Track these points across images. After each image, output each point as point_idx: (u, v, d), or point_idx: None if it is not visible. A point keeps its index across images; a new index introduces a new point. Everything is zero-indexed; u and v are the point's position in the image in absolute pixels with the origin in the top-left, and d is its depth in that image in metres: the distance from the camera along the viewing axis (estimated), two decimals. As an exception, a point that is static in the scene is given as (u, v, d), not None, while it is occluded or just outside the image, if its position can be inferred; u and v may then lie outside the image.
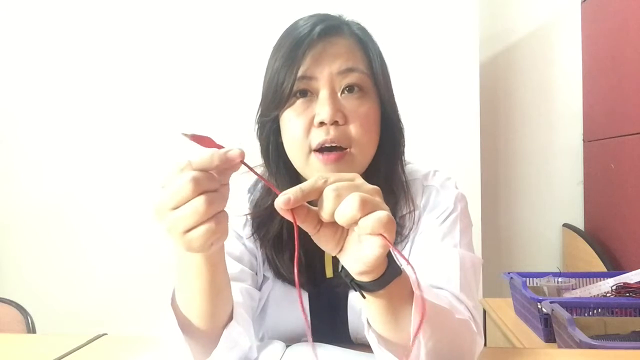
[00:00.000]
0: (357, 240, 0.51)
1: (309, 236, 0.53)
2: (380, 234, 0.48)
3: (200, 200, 0.48)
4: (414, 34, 1.93)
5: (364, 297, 0.56)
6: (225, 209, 0.51)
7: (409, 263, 0.50)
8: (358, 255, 0.51)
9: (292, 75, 0.74)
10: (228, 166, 0.50)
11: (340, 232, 0.53)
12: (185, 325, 0.63)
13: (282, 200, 0.48)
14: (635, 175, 1.80)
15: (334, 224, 0.51)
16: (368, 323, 0.61)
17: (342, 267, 0.56)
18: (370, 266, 0.51)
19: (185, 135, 0.51)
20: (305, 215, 0.50)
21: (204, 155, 0.50)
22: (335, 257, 0.84)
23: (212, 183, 0.49)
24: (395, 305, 0.57)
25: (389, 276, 0.54)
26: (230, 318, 0.67)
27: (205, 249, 0.51)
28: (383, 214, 0.48)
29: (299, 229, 0.51)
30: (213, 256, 0.58)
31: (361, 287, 0.55)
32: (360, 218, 0.48)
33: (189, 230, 0.49)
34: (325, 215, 0.49)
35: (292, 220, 0.49)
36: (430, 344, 0.60)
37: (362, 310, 0.61)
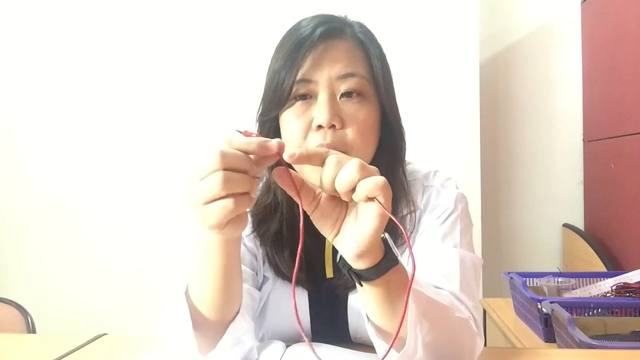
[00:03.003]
0: (354, 220, 0.54)
1: (310, 235, 0.53)
2: (376, 199, 0.51)
3: (219, 175, 0.49)
4: (414, 34, 1.93)
5: (361, 285, 0.57)
6: (251, 196, 0.53)
7: (405, 233, 0.53)
8: (355, 232, 0.53)
9: (291, 77, 0.74)
10: (265, 154, 0.52)
11: (337, 212, 0.55)
12: (194, 317, 0.65)
13: (289, 154, 0.52)
14: (635, 175, 1.80)
15: (331, 203, 0.55)
16: (367, 317, 0.62)
17: (340, 257, 0.57)
18: (368, 243, 0.53)
19: (239, 131, 0.55)
20: (301, 185, 0.54)
21: (245, 138, 0.53)
22: (335, 257, 0.84)
23: (240, 163, 0.51)
24: (392, 296, 0.58)
25: (385, 265, 0.56)
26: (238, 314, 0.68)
27: (219, 227, 0.52)
28: (380, 178, 0.51)
29: (305, 224, 0.52)
30: (229, 244, 0.60)
31: (359, 276, 0.56)
32: (359, 181, 0.51)
33: (208, 203, 0.51)
34: (326, 182, 0.52)
35: (286, 180, 0.53)
36: (428, 339, 0.60)
37: (361, 303, 0.62)
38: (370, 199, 0.51)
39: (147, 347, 0.77)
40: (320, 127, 0.73)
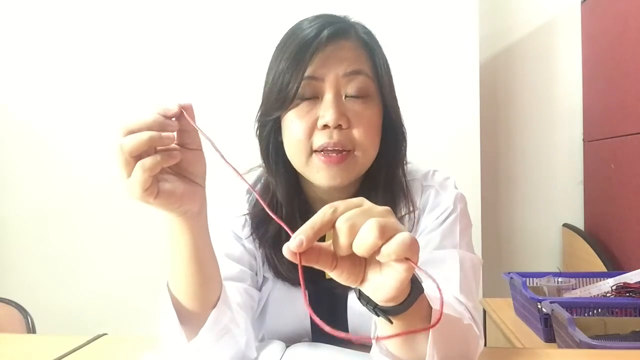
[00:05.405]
0: (378, 271, 0.48)
1: None
2: (406, 258, 0.45)
3: (116, 143, 0.54)
4: (414, 34, 1.93)
5: (391, 322, 0.54)
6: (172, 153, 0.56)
7: (435, 282, 0.45)
8: (382, 283, 0.48)
9: (298, 77, 0.73)
10: (167, 114, 0.56)
11: (359, 261, 0.49)
12: (178, 310, 0.65)
13: (296, 244, 0.45)
14: (635, 175, 1.80)
15: (348, 258, 0.48)
16: (375, 339, 0.61)
17: (360, 294, 0.53)
18: (397, 291, 0.48)
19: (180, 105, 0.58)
20: (316, 258, 0.46)
21: (145, 109, 0.56)
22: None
23: (137, 126, 0.54)
24: (417, 324, 0.55)
25: (414, 297, 0.52)
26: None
27: (149, 195, 0.54)
28: (406, 236, 0.44)
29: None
30: (191, 223, 0.61)
31: (386, 312, 0.53)
32: (382, 245, 0.44)
33: (127, 177, 0.54)
34: (343, 250, 0.46)
35: (298, 263, 0.46)
36: (442, 353, 0.59)
37: (374, 326, 0.60)
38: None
39: (147, 347, 0.76)
40: (326, 126, 0.73)
